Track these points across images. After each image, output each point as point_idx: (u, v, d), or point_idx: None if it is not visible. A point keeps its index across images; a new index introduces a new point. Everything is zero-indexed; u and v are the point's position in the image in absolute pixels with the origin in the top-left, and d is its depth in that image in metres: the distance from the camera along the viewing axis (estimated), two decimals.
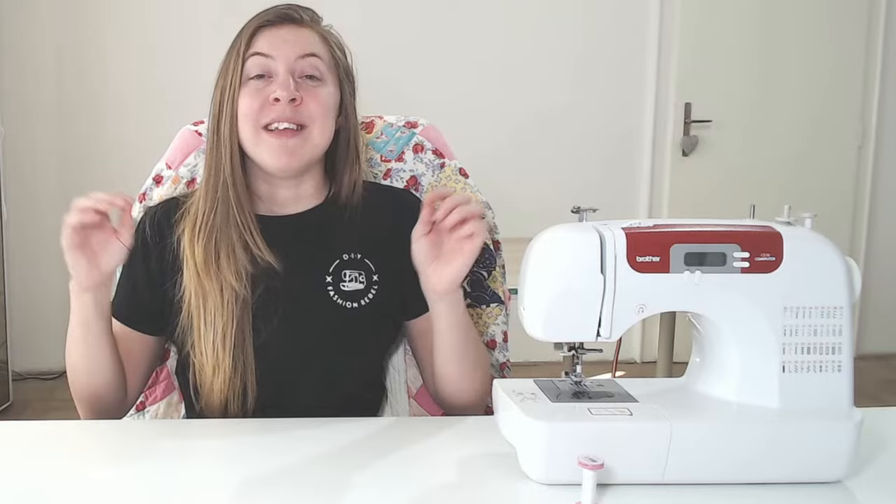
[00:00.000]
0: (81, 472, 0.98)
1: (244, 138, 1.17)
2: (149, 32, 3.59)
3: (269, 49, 1.17)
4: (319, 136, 1.18)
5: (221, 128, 1.17)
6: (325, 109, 1.18)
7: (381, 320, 1.23)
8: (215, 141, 1.19)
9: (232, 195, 1.17)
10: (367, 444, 1.05)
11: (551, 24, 3.78)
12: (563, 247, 0.94)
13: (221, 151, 1.18)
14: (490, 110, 3.74)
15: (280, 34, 1.18)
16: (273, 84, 1.15)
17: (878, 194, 4.03)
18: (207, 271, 1.15)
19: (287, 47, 1.17)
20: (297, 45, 1.18)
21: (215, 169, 1.18)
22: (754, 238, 0.92)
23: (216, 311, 1.14)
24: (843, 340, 0.93)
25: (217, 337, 1.14)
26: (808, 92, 3.86)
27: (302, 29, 1.20)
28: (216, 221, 1.17)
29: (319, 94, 1.18)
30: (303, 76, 1.17)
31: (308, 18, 1.22)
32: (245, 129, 1.16)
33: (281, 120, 1.15)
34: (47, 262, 3.65)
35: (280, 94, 1.14)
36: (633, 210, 3.93)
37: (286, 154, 1.15)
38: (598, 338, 0.94)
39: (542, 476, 0.91)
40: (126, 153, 3.53)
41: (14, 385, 3.34)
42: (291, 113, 1.14)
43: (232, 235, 1.16)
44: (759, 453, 0.90)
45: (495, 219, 1.38)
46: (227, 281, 1.15)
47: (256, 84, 1.16)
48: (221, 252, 1.16)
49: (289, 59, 1.16)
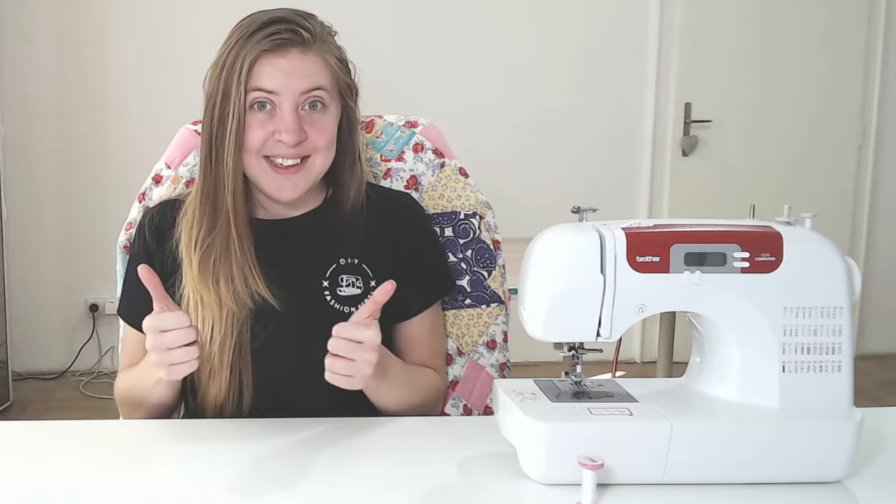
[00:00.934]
0: (81, 472, 0.98)
1: (248, 165, 1.16)
2: (149, 32, 3.58)
3: (272, 85, 1.13)
4: (321, 164, 1.18)
5: (224, 154, 1.14)
6: (329, 140, 1.17)
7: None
8: (215, 165, 1.16)
9: (234, 232, 1.15)
10: (367, 444, 1.05)
11: (551, 25, 3.78)
12: (563, 247, 0.94)
13: (223, 179, 1.15)
14: (490, 110, 3.74)
15: (282, 66, 1.13)
16: (277, 119, 1.13)
17: (878, 194, 4.03)
18: (205, 283, 1.15)
19: (291, 82, 1.13)
20: (302, 79, 1.13)
21: (214, 192, 1.16)
22: (754, 238, 0.92)
23: (214, 316, 1.14)
24: (843, 340, 0.93)
25: (214, 342, 1.14)
26: (808, 92, 3.86)
27: (305, 56, 1.14)
28: (215, 244, 1.16)
29: (323, 124, 1.16)
30: (306, 105, 1.15)
31: (309, 36, 1.15)
32: (250, 158, 1.15)
33: (286, 157, 1.15)
34: (47, 262, 3.66)
35: (286, 139, 1.12)
36: (633, 210, 3.93)
37: (290, 188, 1.16)
38: (598, 338, 0.94)
39: (542, 476, 0.91)
40: (126, 152, 3.53)
41: (14, 385, 3.34)
42: (296, 151, 1.14)
43: (232, 268, 1.16)
44: (758, 453, 0.90)
45: (495, 219, 1.38)
46: (224, 301, 1.15)
47: (260, 116, 1.14)
48: (221, 278, 1.15)
49: (293, 95, 1.13)
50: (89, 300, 3.67)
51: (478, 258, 1.36)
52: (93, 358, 3.70)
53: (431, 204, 1.36)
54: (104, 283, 3.53)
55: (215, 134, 1.15)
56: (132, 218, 1.34)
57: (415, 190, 1.36)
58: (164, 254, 1.20)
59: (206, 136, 1.17)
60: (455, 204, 1.36)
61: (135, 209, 1.34)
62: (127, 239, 1.33)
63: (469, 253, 1.36)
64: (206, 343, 1.14)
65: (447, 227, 1.35)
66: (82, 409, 3.28)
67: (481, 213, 1.37)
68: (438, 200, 1.36)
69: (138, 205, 1.35)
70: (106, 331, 3.67)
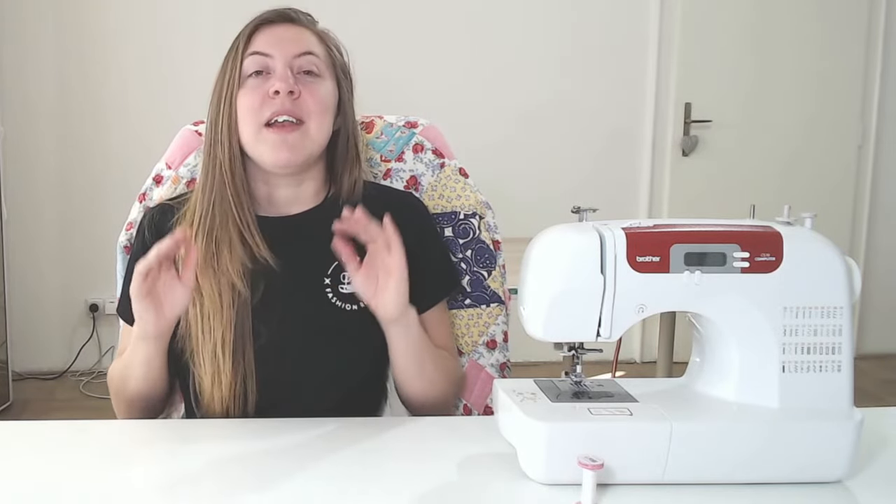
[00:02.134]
0: (81, 472, 0.98)
1: (245, 137, 1.17)
2: (149, 32, 3.59)
3: (267, 47, 1.18)
4: (317, 131, 1.18)
5: (220, 127, 1.18)
6: (323, 105, 1.19)
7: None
8: (213, 141, 1.19)
9: (230, 192, 1.17)
10: (367, 444, 1.05)
11: (551, 25, 3.78)
12: (563, 247, 0.94)
13: (219, 150, 1.18)
14: (490, 110, 3.74)
15: (278, 32, 1.20)
16: (272, 79, 1.17)
17: (878, 194, 4.03)
18: (205, 272, 1.15)
19: (285, 45, 1.18)
20: (295, 43, 1.19)
21: (212, 168, 1.19)
22: (754, 238, 0.92)
23: (214, 315, 1.14)
24: (843, 340, 0.93)
25: (217, 343, 1.14)
26: (808, 92, 3.86)
27: (299, 28, 1.22)
28: (214, 221, 1.17)
29: (317, 89, 1.19)
30: (300, 72, 1.18)
31: (305, 20, 1.24)
32: (245, 127, 1.17)
33: (281, 113, 1.15)
34: (47, 262, 3.66)
35: (279, 86, 1.15)
36: (633, 210, 3.93)
37: (286, 149, 1.16)
38: (598, 338, 0.94)
39: (542, 476, 0.91)
40: (126, 152, 3.53)
41: (14, 385, 3.34)
42: (291, 106, 1.15)
43: (231, 232, 1.17)
44: (758, 453, 0.90)
45: (495, 219, 1.38)
46: (226, 279, 1.15)
47: (255, 81, 1.17)
48: (223, 249, 1.16)
49: (287, 56, 1.17)
50: (89, 300, 3.67)
51: (478, 258, 1.36)
52: (93, 358, 3.70)
53: (431, 204, 1.36)
54: (104, 283, 3.53)
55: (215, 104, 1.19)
56: (132, 218, 1.34)
57: (415, 190, 1.36)
58: None
59: (208, 118, 1.20)
60: (455, 204, 1.36)
61: (135, 209, 1.34)
62: (127, 239, 1.33)
63: (469, 253, 1.36)
64: (207, 337, 1.14)
65: (447, 227, 1.36)
66: (82, 409, 3.28)
67: (481, 213, 1.37)
68: (438, 200, 1.36)
69: (138, 205, 1.35)
70: (106, 331, 3.67)
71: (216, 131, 1.19)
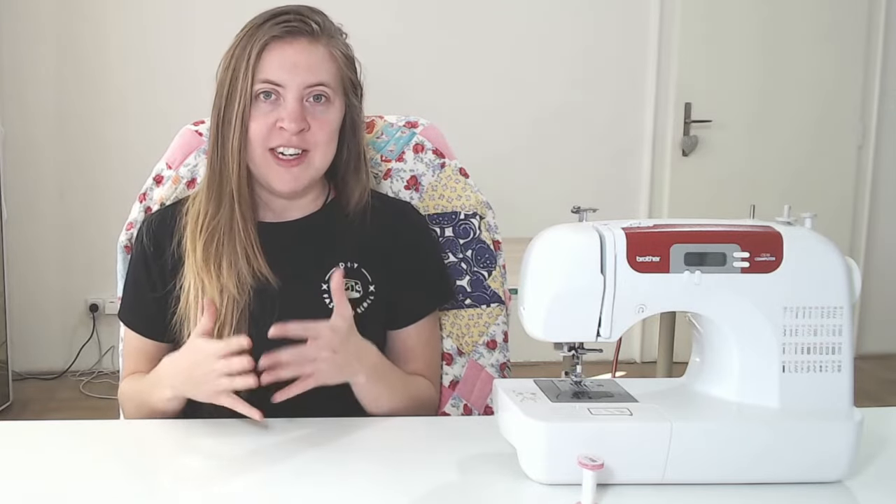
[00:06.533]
0: (81, 472, 0.98)
1: (252, 157, 1.17)
2: (149, 32, 3.58)
3: (278, 75, 1.15)
4: (321, 160, 1.19)
5: (229, 139, 1.17)
6: (331, 135, 1.19)
7: (376, 329, 1.23)
8: (221, 149, 1.18)
9: (238, 210, 1.18)
10: (367, 444, 1.05)
11: (551, 25, 3.78)
12: (563, 247, 0.94)
13: (228, 161, 1.17)
14: (490, 110, 3.74)
15: (290, 56, 1.15)
16: (281, 108, 1.15)
17: (878, 194, 4.03)
18: (207, 270, 1.16)
19: (297, 74, 1.15)
20: (309, 70, 1.15)
21: (220, 176, 1.18)
22: (754, 238, 0.92)
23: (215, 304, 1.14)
24: (843, 340, 0.93)
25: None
26: (809, 92, 3.86)
27: (312, 48, 1.17)
28: (220, 226, 1.18)
29: (326, 118, 1.18)
30: (310, 98, 1.17)
31: (318, 28, 1.18)
32: (253, 149, 1.17)
33: (287, 146, 1.16)
34: (47, 262, 3.66)
35: (288, 126, 1.14)
36: (633, 210, 3.93)
37: (291, 179, 1.17)
38: (598, 338, 0.94)
39: (542, 476, 0.91)
40: (126, 153, 3.53)
41: (14, 385, 3.34)
42: (298, 140, 1.16)
43: (236, 247, 1.17)
44: (759, 453, 0.90)
45: (496, 219, 1.38)
46: (226, 287, 1.15)
47: (265, 106, 1.16)
48: (223, 260, 1.17)
49: (299, 87, 1.15)
50: (89, 300, 3.67)
51: (478, 258, 1.36)
52: (93, 358, 3.70)
53: (432, 204, 1.36)
54: (104, 283, 3.53)
55: (222, 117, 1.17)
56: (132, 218, 1.34)
57: (415, 190, 1.36)
58: (163, 258, 1.21)
59: (214, 121, 1.19)
60: (455, 204, 1.36)
61: (135, 209, 1.34)
62: (127, 239, 1.33)
63: (469, 253, 1.36)
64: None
65: (447, 227, 1.36)
66: (82, 409, 3.28)
67: (481, 213, 1.37)
68: (438, 201, 1.36)
69: (139, 205, 1.35)
70: (106, 331, 3.66)
71: (223, 140, 1.17)
